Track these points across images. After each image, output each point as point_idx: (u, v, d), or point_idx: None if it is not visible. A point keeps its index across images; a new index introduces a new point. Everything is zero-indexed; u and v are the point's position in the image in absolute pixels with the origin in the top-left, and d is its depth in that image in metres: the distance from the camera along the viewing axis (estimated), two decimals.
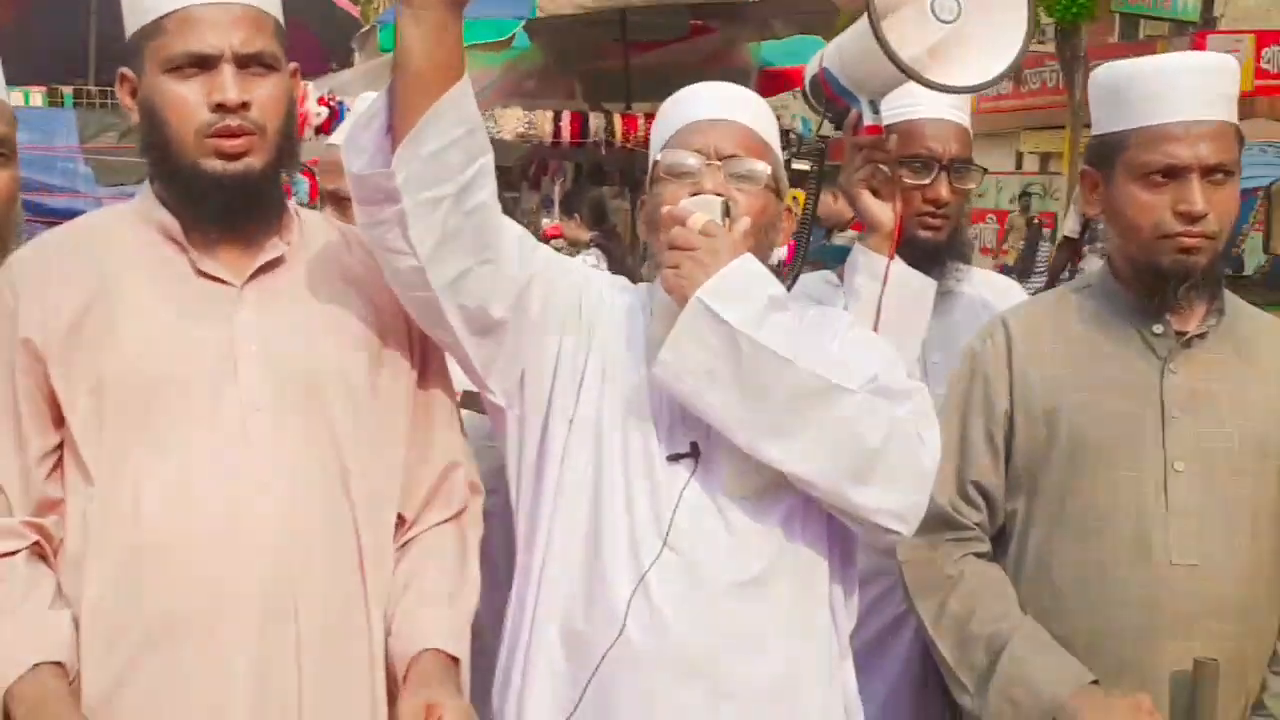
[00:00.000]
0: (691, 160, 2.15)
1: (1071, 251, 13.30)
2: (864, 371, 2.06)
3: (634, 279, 2.37)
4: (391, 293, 2.09)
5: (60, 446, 1.99)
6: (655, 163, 2.20)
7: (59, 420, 1.98)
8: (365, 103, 2.99)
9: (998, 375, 2.40)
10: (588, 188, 7.95)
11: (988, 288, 3.02)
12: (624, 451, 2.08)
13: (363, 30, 8.01)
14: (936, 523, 2.32)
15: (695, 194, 2.12)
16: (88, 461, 1.95)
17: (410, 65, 1.88)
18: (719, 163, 2.15)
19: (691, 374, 1.99)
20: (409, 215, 1.91)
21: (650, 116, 7.48)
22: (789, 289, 2.30)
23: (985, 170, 2.96)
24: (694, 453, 2.07)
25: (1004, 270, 13.34)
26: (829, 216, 7.23)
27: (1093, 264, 5.45)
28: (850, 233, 6.12)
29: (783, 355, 1.97)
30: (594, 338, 2.13)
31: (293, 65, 2.11)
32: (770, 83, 8.82)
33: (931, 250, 2.74)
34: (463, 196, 1.93)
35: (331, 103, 6.55)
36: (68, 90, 6.69)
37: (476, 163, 1.94)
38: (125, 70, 2.06)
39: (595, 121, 7.40)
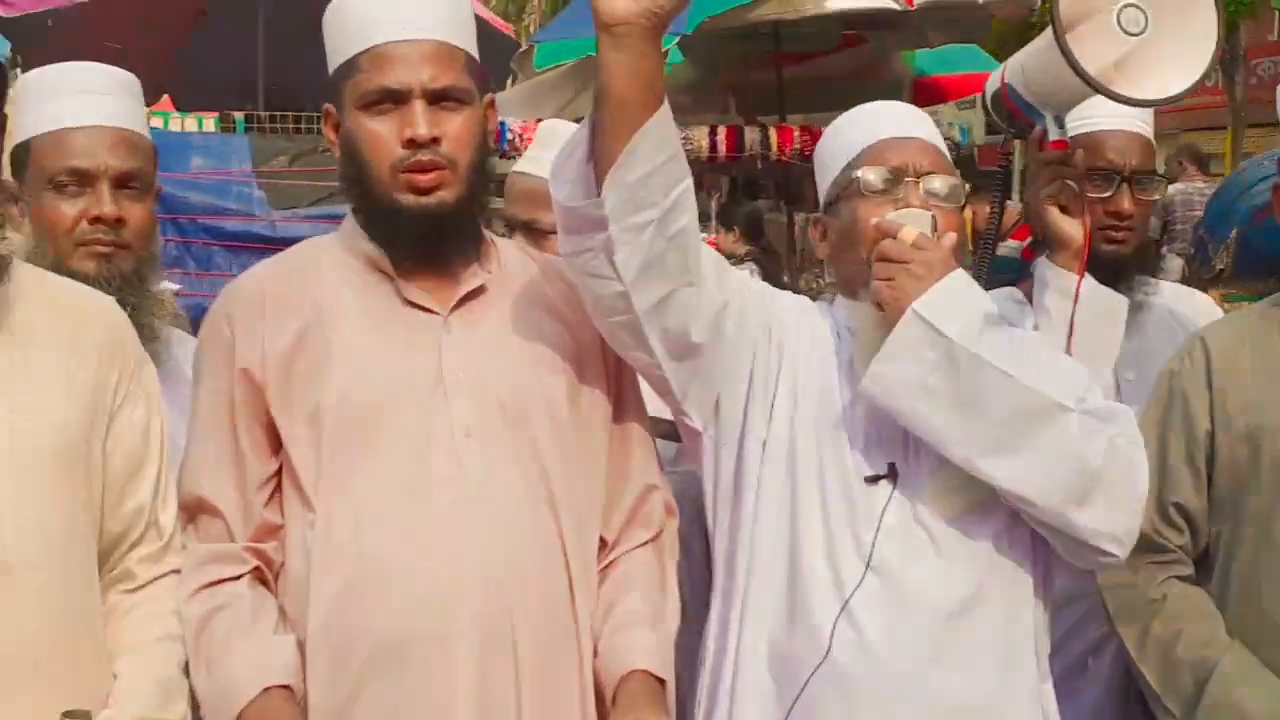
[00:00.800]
0: (891, 176, 2.15)
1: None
2: (1076, 388, 2.05)
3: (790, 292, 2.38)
4: (588, 320, 2.12)
5: (278, 473, 2.05)
6: (854, 179, 2.19)
7: (277, 448, 2.04)
8: (549, 130, 3.02)
9: (1197, 395, 2.35)
10: (744, 202, 7.96)
11: (1179, 302, 2.95)
12: (819, 472, 2.09)
13: (520, 50, 8.13)
14: (1138, 545, 2.27)
15: (897, 209, 2.12)
16: (307, 488, 2.00)
17: (613, 92, 1.91)
18: (916, 179, 2.15)
19: (905, 388, 1.99)
20: (615, 241, 1.94)
21: (805, 129, 7.44)
22: None
23: (1168, 179, 2.89)
24: (892, 474, 2.07)
25: None
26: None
27: (1172, 264, 5.26)
28: (1011, 243, 6.01)
29: (1004, 370, 1.97)
30: (784, 357, 2.14)
31: (488, 97, 2.15)
32: (926, 92, 8.70)
33: (1117, 265, 2.69)
34: (666, 221, 1.95)
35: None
36: (240, 116, 6.88)
37: (678, 187, 1.96)
38: (329, 106, 2.12)
39: (750, 135, 7.37)
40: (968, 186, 2.24)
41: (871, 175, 2.16)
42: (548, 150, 2.73)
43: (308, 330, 2.04)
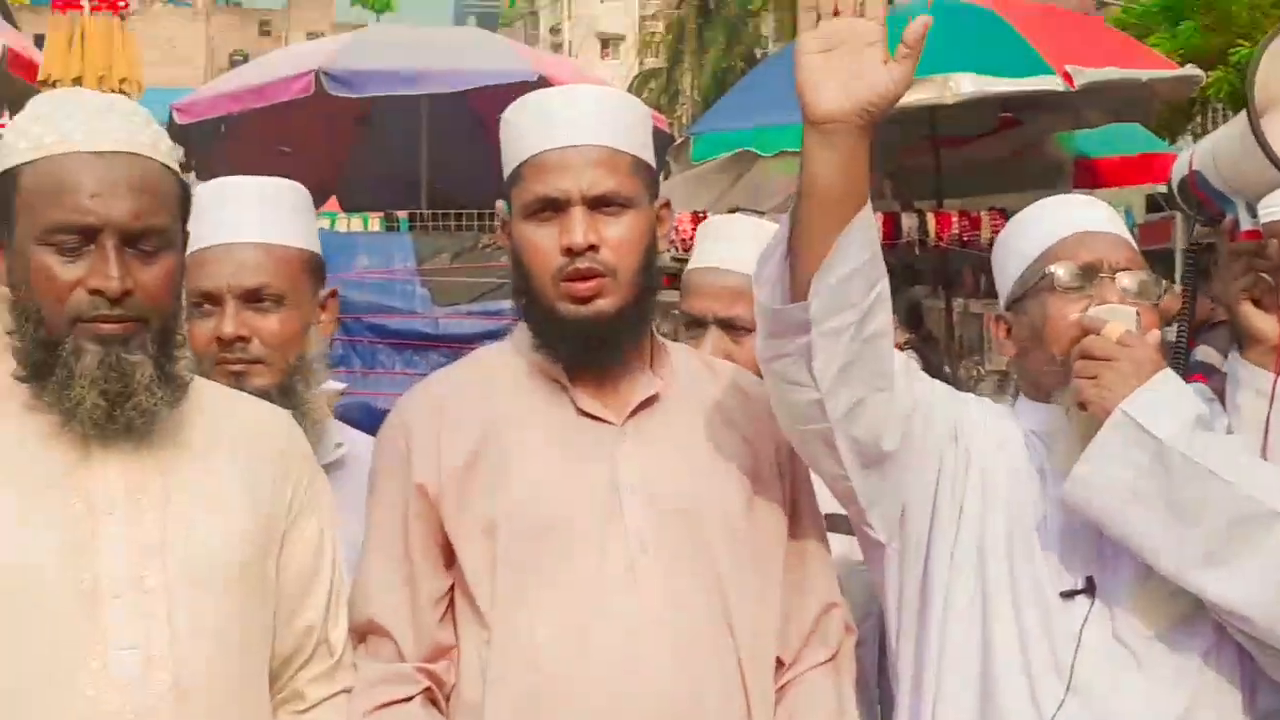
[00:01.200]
0: (1085, 272, 2.07)
1: None
2: None
3: (950, 384, 2.30)
4: (765, 429, 2.07)
5: (451, 590, 2.02)
6: (1046, 274, 2.11)
7: (450, 563, 2.02)
8: (720, 224, 2.99)
9: None
10: (901, 289, 7.86)
11: None
12: (1011, 586, 2.00)
13: (676, 143, 8.20)
14: None
15: (1094, 307, 2.03)
16: (481, 604, 1.98)
17: (817, 190, 1.83)
18: (1111, 275, 2.07)
19: (1112, 493, 1.89)
20: (814, 346, 1.87)
21: (964, 214, 7.35)
22: None
23: None
24: (1090, 588, 1.97)
25: None
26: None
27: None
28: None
29: (1219, 475, 1.86)
30: (971, 463, 2.07)
31: (663, 199, 2.11)
32: (1086, 174, 8.56)
33: None
34: (863, 324, 1.88)
35: None
36: (403, 215, 7.04)
37: (876, 288, 1.89)
38: (503, 214, 2.12)
39: (907, 221, 7.32)
40: (1164, 283, 2.15)
41: (1065, 270, 2.08)
42: (722, 244, 2.70)
43: (484, 442, 2.03)
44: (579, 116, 2.04)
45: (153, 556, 1.79)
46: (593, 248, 1.99)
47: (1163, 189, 8.95)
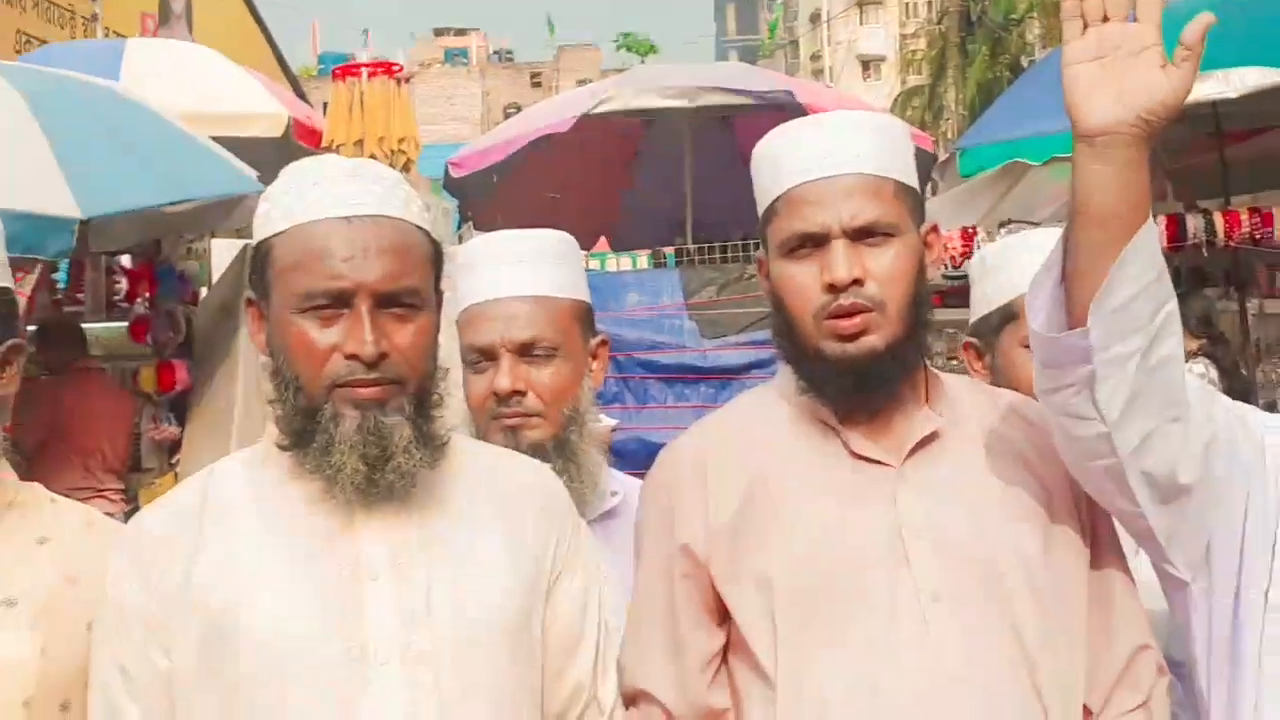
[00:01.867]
0: None
1: None
2: None
3: (1248, 389, 2.13)
4: (1055, 461, 1.93)
5: (723, 650, 1.95)
6: None
7: (721, 621, 1.94)
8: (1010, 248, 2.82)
9: None
10: (1190, 294, 7.49)
11: None
12: None
13: (941, 160, 8.05)
14: None
15: None
16: (764, 662, 1.88)
17: (1093, 208, 1.70)
18: None
19: None
20: (1097, 375, 1.73)
21: (1254, 210, 6.96)
22: None
23: None
24: None
25: None
26: None
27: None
28: None
29: None
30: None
31: (930, 223, 1.99)
32: None
33: None
34: (1151, 349, 1.74)
35: None
36: (670, 251, 7.15)
37: (1164, 310, 1.74)
38: (760, 255, 2.03)
39: (1193, 222, 6.96)
40: None
41: None
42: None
43: (752, 494, 1.94)
44: (833, 145, 1.93)
45: (419, 621, 1.79)
46: (857, 282, 1.87)
47: None
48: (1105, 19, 1.71)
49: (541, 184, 8.07)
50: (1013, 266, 2.52)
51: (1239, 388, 6.40)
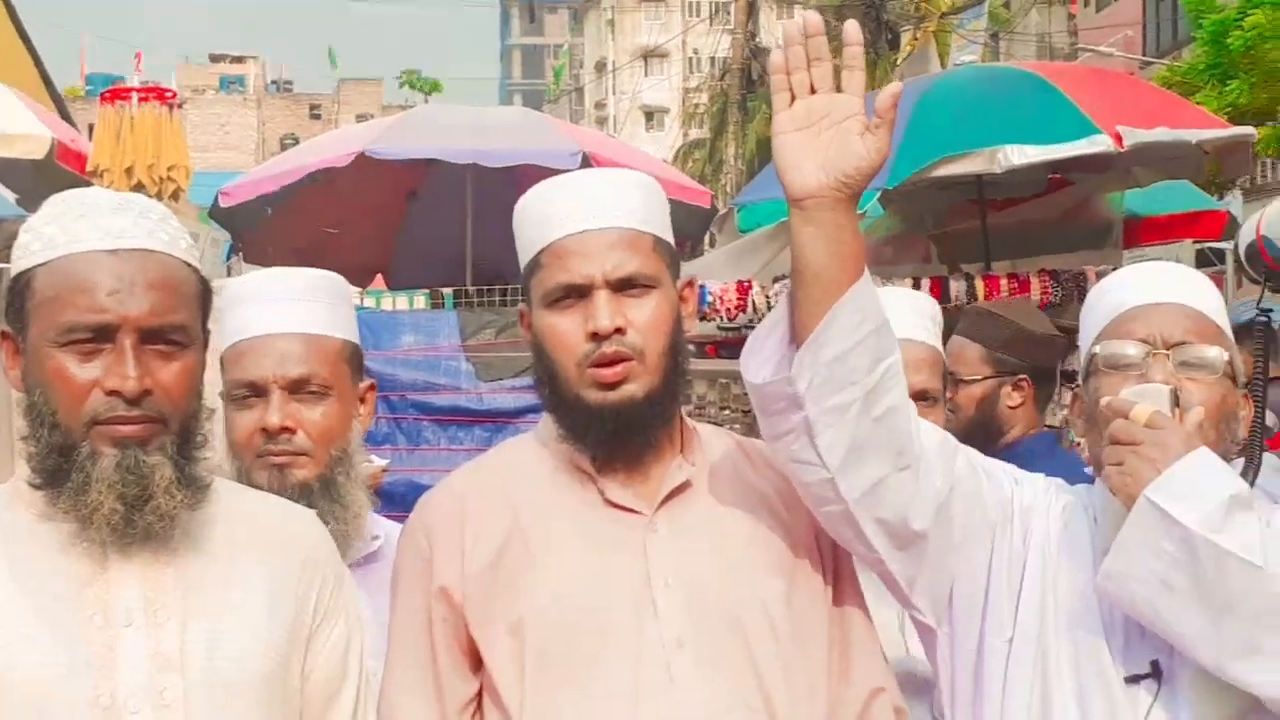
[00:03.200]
0: (1132, 350, 1.98)
1: None
2: None
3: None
4: (798, 506, 2.00)
5: (480, 694, 1.97)
6: (1091, 356, 2.04)
7: (477, 666, 1.96)
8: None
9: None
10: None
11: None
12: (1075, 673, 1.91)
13: (720, 214, 8.20)
14: None
15: (1131, 387, 1.95)
16: (510, 707, 1.91)
17: (807, 266, 1.82)
18: (1166, 351, 1.97)
19: (1142, 584, 1.81)
20: (814, 424, 1.83)
21: (1012, 276, 7.28)
22: (1251, 484, 2.08)
23: None
24: (1156, 672, 1.87)
25: None
26: None
27: None
28: None
29: (1251, 561, 1.76)
30: (1030, 544, 1.98)
31: (686, 278, 2.07)
32: (1136, 233, 8.47)
33: None
34: (870, 400, 1.83)
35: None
36: (448, 291, 7.07)
37: (883, 363, 1.85)
38: (522, 306, 2.08)
39: (955, 286, 7.23)
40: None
41: (1109, 350, 2.01)
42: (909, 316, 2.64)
43: (509, 540, 1.97)
44: (595, 200, 2.02)
45: (171, 669, 1.75)
46: (619, 330, 1.95)
47: (1213, 244, 8.83)
48: (813, 90, 1.81)
49: (317, 218, 7.89)
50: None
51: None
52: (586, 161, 6.83)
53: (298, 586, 1.90)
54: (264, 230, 7.85)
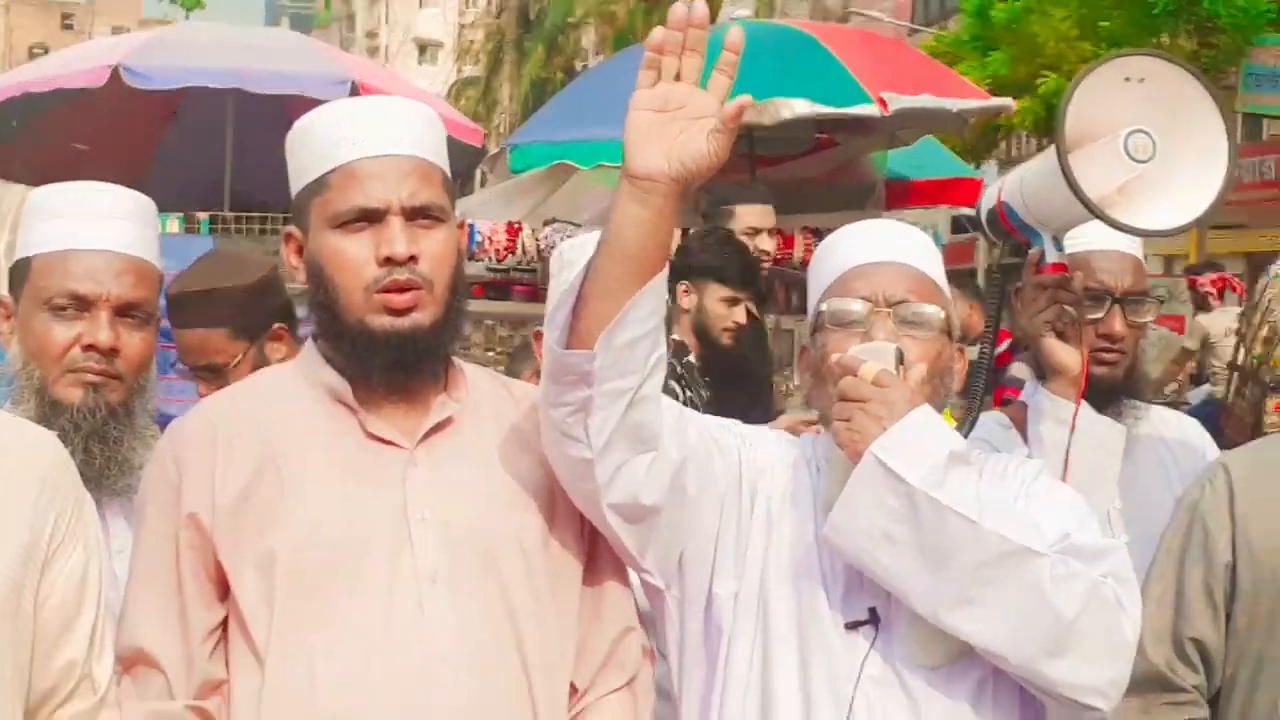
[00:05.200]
0: (857, 307, 2.04)
1: None
2: (1055, 529, 1.93)
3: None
4: None
5: (225, 623, 1.93)
6: (819, 312, 2.09)
7: (224, 596, 1.92)
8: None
9: (1218, 526, 2.25)
10: None
11: (1167, 426, 2.88)
12: (796, 620, 1.97)
13: (492, 153, 8.11)
14: (1151, 684, 2.18)
15: (864, 342, 2.01)
16: (257, 639, 1.89)
17: (623, 244, 1.82)
18: (888, 309, 2.04)
19: (866, 536, 1.88)
20: (593, 403, 1.84)
21: (777, 232, 7.42)
22: (966, 434, 2.18)
23: (1161, 300, 2.84)
24: (874, 619, 1.94)
25: None
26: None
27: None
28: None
29: (967, 516, 1.85)
30: (757, 499, 2.03)
31: (460, 218, 2.06)
32: (897, 194, 8.73)
33: (1107, 388, 2.61)
34: (641, 388, 1.86)
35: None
36: (204, 216, 6.82)
37: (656, 354, 1.88)
38: (291, 229, 2.03)
39: None
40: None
41: (835, 307, 2.06)
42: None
43: (261, 471, 1.93)
44: (390, 126, 1.99)
45: None
46: (413, 259, 1.93)
47: (967, 211, 9.20)
48: (678, 77, 1.82)
49: (68, 134, 7.48)
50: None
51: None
52: (355, 90, 6.66)
53: (34, 510, 1.81)
54: (11, 145, 7.42)
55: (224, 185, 7.48)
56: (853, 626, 1.95)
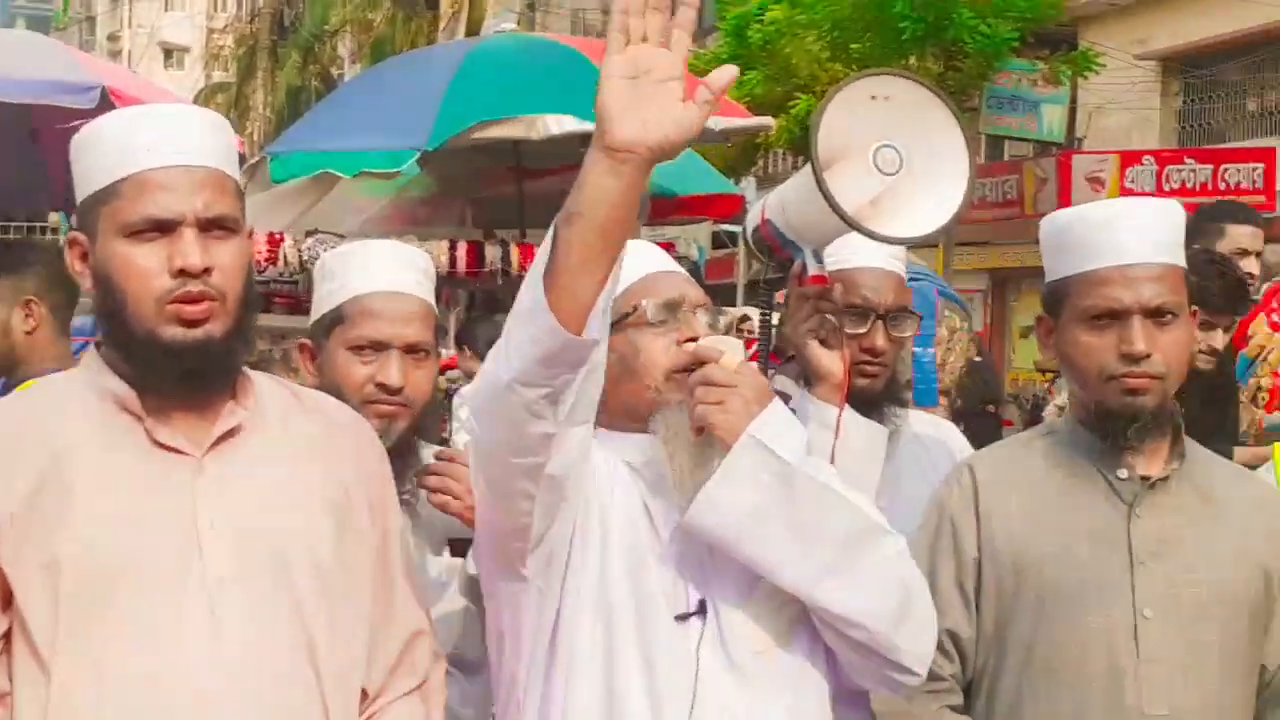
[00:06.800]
0: (670, 304, 2.12)
1: None
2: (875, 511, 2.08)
3: None
4: (350, 457, 2.05)
5: (9, 634, 1.88)
6: (635, 309, 2.12)
7: (6, 605, 1.87)
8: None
9: (965, 523, 2.38)
10: (483, 318, 7.89)
11: (923, 426, 3.02)
12: (633, 612, 2.01)
13: (251, 162, 7.91)
14: None
15: (685, 340, 2.08)
16: (42, 649, 1.84)
17: (598, 216, 1.76)
18: (693, 310, 2.12)
19: (737, 513, 1.95)
20: (574, 382, 1.82)
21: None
22: None
23: (920, 316, 2.97)
24: (701, 610, 2.02)
25: None
26: None
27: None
28: None
29: (839, 491, 1.97)
30: (591, 500, 2.06)
31: (249, 227, 2.04)
32: (661, 208, 8.88)
33: (869, 398, 2.73)
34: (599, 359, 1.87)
35: None
36: None
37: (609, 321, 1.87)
38: (76, 234, 1.99)
39: (491, 251, 7.34)
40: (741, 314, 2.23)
41: (653, 305, 2.11)
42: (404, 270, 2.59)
43: (44, 478, 1.89)
44: (183, 136, 1.96)
45: None
46: (207, 270, 1.91)
47: (728, 226, 9.42)
48: (644, 38, 1.78)
49: None
50: (347, 272, 2.60)
51: None
52: (105, 98, 6.41)
53: None
54: None
55: None
56: (683, 618, 2.01)
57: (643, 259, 2.20)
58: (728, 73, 1.82)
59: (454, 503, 2.35)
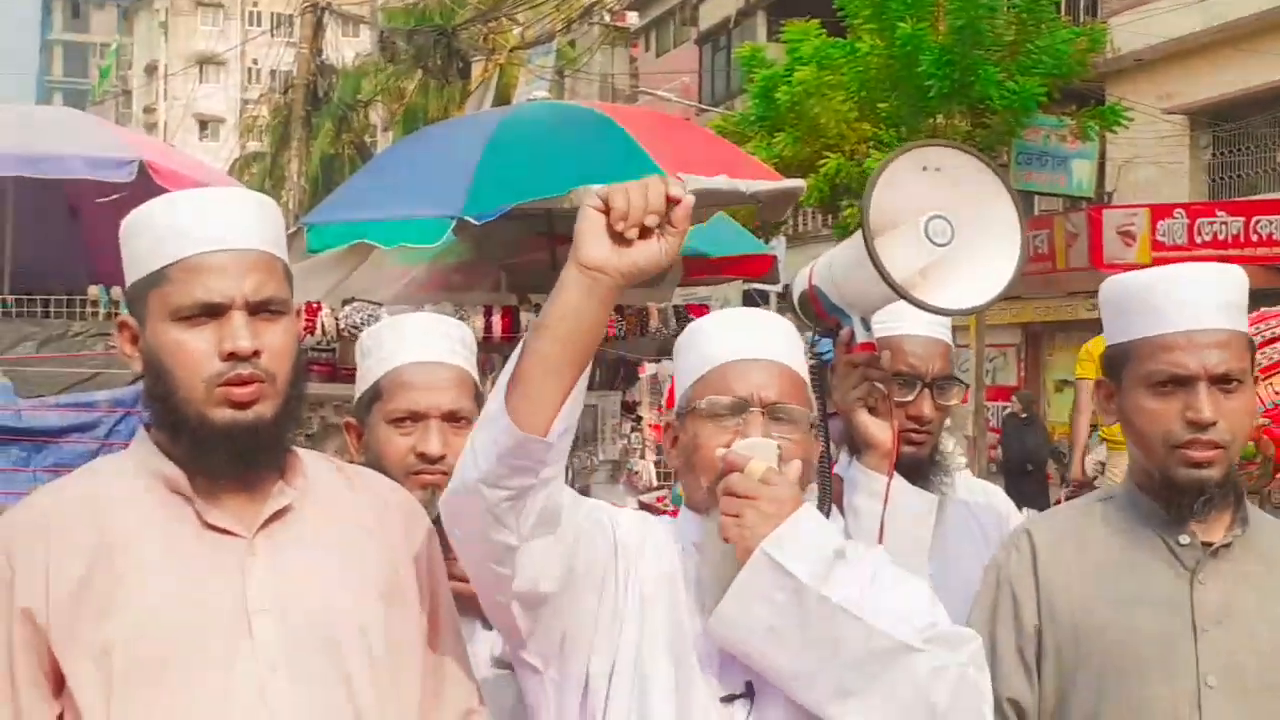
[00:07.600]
0: (731, 403, 2.11)
1: None
2: (923, 618, 2.01)
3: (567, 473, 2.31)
4: (401, 535, 2.05)
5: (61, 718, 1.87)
6: (693, 404, 2.14)
7: (59, 690, 1.87)
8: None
9: (1024, 590, 2.34)
10: None
11: (970, 492, 3.00)
12: (673, 693, 2.00)
13: (289, 232, 7.97)
14: None
15: (738, 438, 2.07)
16: None
17: (563, 329, 1.83)
18: (762, 409, 2.11)
19: (751, 631, 1.94)
20: (533, 490, 1.85)
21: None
22: (826, 514, 2.26)
23: (967, 385, 2.96)
24: (749, 692, 1.99)
25: None
26: None
27: None
28: None
29: (854, 613, 1.92)
30: (630, 577, 2.06)
31: (296, 306, 2.03)
32: (694, 268, 8.90)
33: (915, 465, 2.71)
34: (558, 475, 1.89)
35: None
36: None
37: (570, 439, 1.90)
38: (126, 318, 2.00)
39: (526, 317, 7.35)
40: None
41: (709, 404, 2.12)
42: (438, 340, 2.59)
43: (96, 563, 1.88)
44: (233, 219, 1.98)
45: None
46: (256, 353, 1.93)
47: (759, 285, 9.37)
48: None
49: None
50: (383, 347, 2.61)
51: None
52: (143, 171, 6.49)
53: None
54: None
55: (3, 268, 7.18)
56: (729, 699, 2.00)
57: (728, 341, 2.19)
58: (688, 204, 1.87)
59: None
